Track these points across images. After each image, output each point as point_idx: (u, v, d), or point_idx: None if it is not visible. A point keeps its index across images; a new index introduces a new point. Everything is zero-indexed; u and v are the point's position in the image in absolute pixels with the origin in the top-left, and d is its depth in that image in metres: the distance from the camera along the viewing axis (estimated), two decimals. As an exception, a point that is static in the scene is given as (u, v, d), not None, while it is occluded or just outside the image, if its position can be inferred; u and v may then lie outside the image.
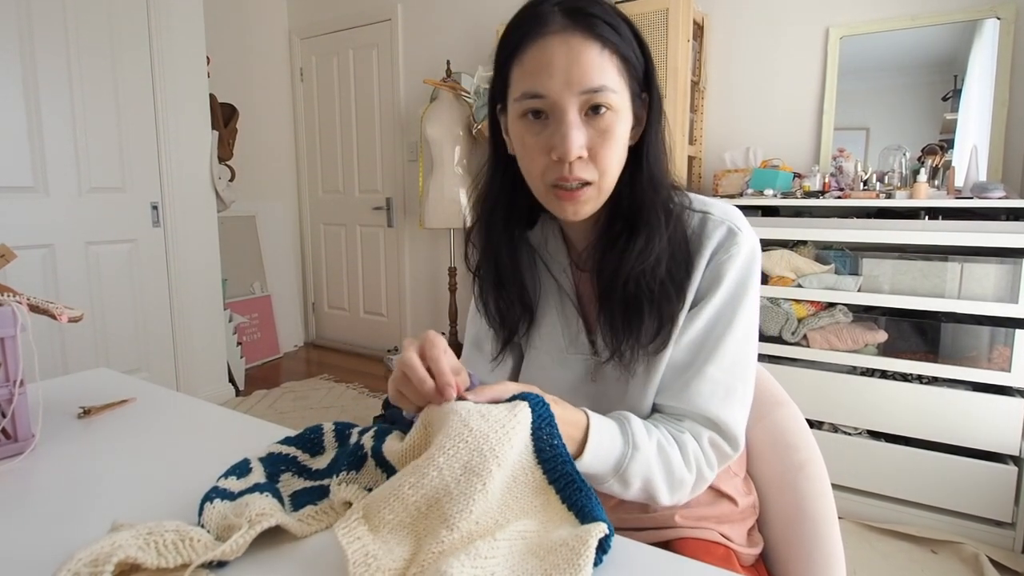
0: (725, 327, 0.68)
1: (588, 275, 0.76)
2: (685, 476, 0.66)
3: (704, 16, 2.50)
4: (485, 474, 0.51)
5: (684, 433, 0.67)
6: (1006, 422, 1.74)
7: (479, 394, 0.58)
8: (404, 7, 3.49)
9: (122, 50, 2.56)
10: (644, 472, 0.63)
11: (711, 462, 0.68)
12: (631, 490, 0.64)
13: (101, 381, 1.06)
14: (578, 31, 0.61)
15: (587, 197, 0.66)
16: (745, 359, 0.70)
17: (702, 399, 0.67)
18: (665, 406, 0.70)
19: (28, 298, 0.79)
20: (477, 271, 0.80)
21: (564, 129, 0.63)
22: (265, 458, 0.69)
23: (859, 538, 1.84)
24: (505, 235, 0.76)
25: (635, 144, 0.69)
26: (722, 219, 0.70)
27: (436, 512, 0.51)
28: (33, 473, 0.72)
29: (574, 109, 0.63)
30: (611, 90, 0.62)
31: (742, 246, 0.69)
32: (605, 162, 0.64)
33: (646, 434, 0.64)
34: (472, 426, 0.53)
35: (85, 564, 0.45)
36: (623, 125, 0.65)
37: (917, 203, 1.89)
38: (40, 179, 2.34)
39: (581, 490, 0.53)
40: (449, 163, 3.04)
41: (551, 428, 0.55)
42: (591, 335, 0.76)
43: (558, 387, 0.77)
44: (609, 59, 0.62)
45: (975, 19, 2.10)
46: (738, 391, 0.68)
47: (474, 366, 0.85)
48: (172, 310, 2.84)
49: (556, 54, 0.62)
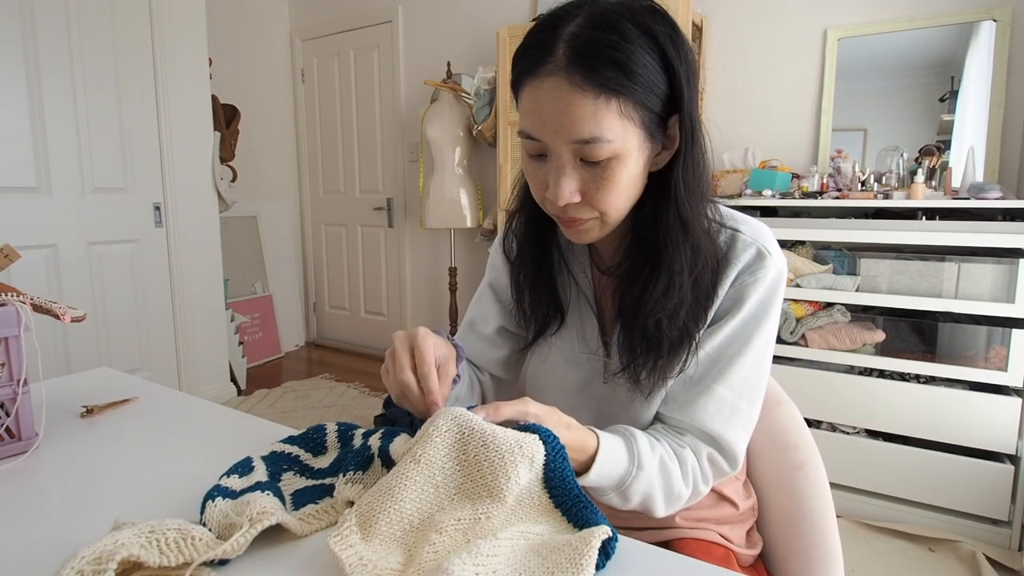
0: (740, 348, 0.67)
1: (609, 280, 0.74)
2: (682, 491, 0.66)
3: (703, 18, 2.51)
4: (476, 500, 0.53)
5: (685, 448, 0.67)
6: (1003, 421, 1.75)
7: (496, 412, 0.57)
8: (405, 9, 3.49)
9: (125, 52, 2.57)
10: (645, 489, 0.64)
11: (707, 478, 0.68)
12: (630, 504, 0.65)
13: (103, 380, 1.07)
14: (576, 74, 0.56)
15: (589, 227, 0.65)
16: (756, 381, 0.68)
17: (707, 416, 0.67)
18: (669, 417, 0.70)
19: (31, 298, 0.79)
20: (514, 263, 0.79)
21: (555, 175, 0.61)
22: (268, 457, 0.70)
23: (857, 537, 1.85)
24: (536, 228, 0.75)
25: (662, 169, 0.65)
26: (752, 240, 0.67)
27: (428, 523, 0.52)
28: (36, 472, 0.73)
29: (567, 155, 0.60)
30: (605, 140, 0.57)
31: (769, 270, 0.66)
32: (603, 205, 0.62)
33: (650, 452, 0.64)
34: (469, 453, 0.54)
35: (88, 562, 0.45)
36: (628, 168, 0.60)
37: (914, 204, 1.89)
38: (43, 180, 2.35)
39: (587, 507, 0.53)
40: (449, 164, 3.05)
41: (563, 460, 0.55)
42: (606, 337, 0.75)
43: (568, 387, 0.77)
44: (607, 105, 0.56)
45: (971, 21, 2.10)
46: (743, 412, 0.68)
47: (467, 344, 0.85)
48: (174, 310, 2.84)
49: (546, 101, 0.58)
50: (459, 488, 0.54)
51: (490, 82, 2.86)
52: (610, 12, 0.57)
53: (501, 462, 0.53)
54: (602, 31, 0.56)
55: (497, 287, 0.85)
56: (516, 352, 0.86)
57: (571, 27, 0.57)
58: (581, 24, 0.57)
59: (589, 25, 0.56)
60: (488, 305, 0.86)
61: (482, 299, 0.87)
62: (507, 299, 0.84)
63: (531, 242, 0.76)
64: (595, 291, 0.77)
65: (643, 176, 0.64)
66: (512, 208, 0.79)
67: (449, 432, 0.55)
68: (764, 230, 0.69)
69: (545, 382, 0.80)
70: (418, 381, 0.61)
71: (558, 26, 0.58)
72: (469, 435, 0.54)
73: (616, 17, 0.56)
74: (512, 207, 0.79)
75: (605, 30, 0.56)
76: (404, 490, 0.53)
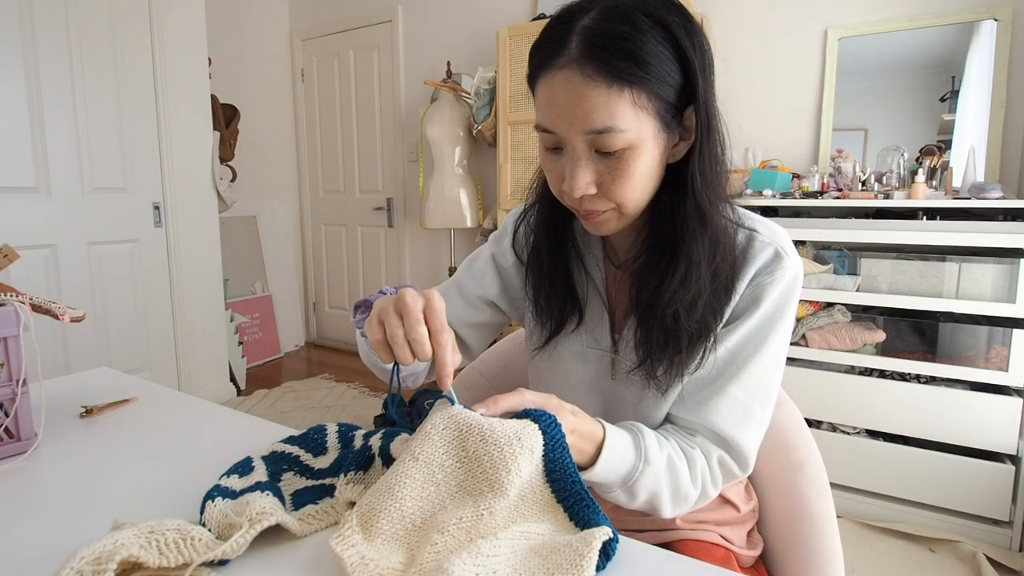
0: (755, 349, 0.67)
1: (622, 275, 0.74)
2: (690, 492, 0.66)
3: (703, 17, 2.50)
4: (478, 495, 0.53)
5: (695, 449, 0.67)
6: (1003, 421, 1.75)
7: (492, 406, 0.57)
8: (405, 8, 3.49)
9: (124, 51, 2.57)
10: (652, 486, 0.63)
11: (716, 481, 0.67)
12: (636, 502, 0.64)
13: (103, 381, 1.07)
14: (588, 66, 0.56)
15: (606, 219, 0.65)
16: (769, 383, 0.68)
17: (719, 417, 0.67)
18: (680, 418, 0.70)
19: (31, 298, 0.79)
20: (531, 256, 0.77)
21: (571, 167, 0.61)
22: (268, 456, 0.70)
23: (858, 537, 1.85)
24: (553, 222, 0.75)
25: (680, 161, 0.64)
26: (770, 240, 0.67)
27: (430, 522, 0.52)
28: (35, 472, 0.73)
29: (581, 146, 0.60)
30: (619, 130, 0.57)
31: (787, 271, 0.66)
32: (619, 196, 0.62)
33: (658, 448, 0.64)
34: (468, 449, 0.54)
35: (88, 562, 0.45)
36: (643, 158, 0.60)
37: (915, 203, 1.89)
38: (42, 180, 2.34)
39: (589, 507, 0.53)
40: (449, 164, 3.05)
41: (563, 450, 0.55)
42: (615, 333, 0.75)
43: (574, 382, 0.77)
44: (620, 96, 0.57)
45: (972, 20, 2.10)
46: (756, 414, 0.67)
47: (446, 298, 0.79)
48: (174, 310, 2.84)
49: (559, 93, 0.58)
50: (460, 485, 0.54)
51: (490, 82, 2.86)
52: (623, 5, 0.57)
53: (501, 455, 0.53)
54: (614, 23, 0.56)
55: (499, 259, 0.83)
56: (491, 325, 0.84)
57: (584, 20, 0.58)
58: (594, 17, 0.58)
59: (601, 18, 0.57)
60: (483, 271, 0.83)
61: (478, 265, 0.84)
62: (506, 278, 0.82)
63: (548, 234, 0.75)
64: (607, 286, 0.76)
65: (660, 167, 0.63)
66: (528, 201, 0.78)
67: (447, 429, 0.55)
68: (781, 232, 0.69)
69: (551, 376, 0.80)
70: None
71: (572, 20, 0.59)
72: (467, 431, 0.54)
73: (629, 9, 0.57)
74: (529, 199, 0.78)
75: (617, 22, 0.56)
76: (405, 488, 0.53)
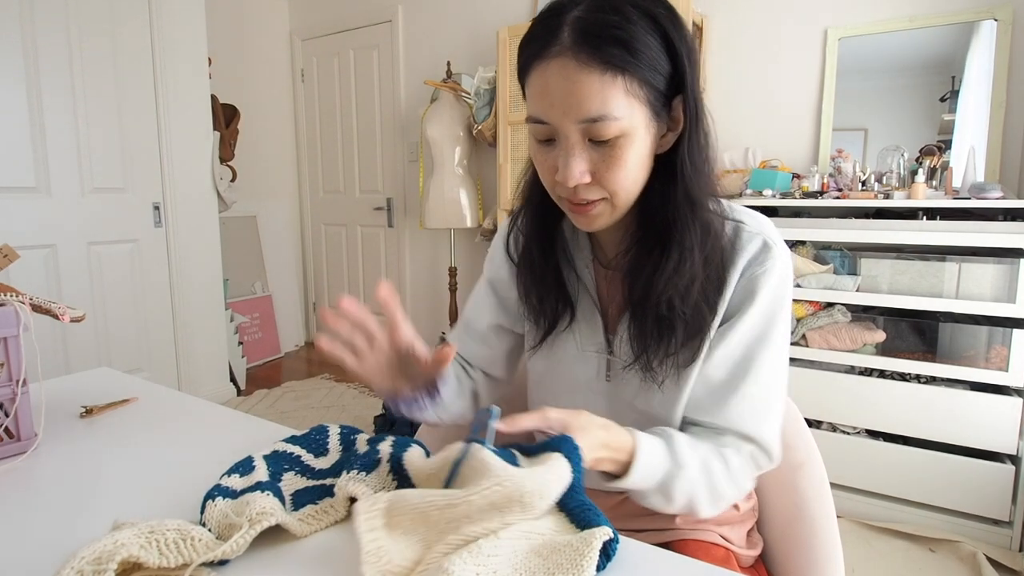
0: (761, 343, 0.67)
1: (612, 274, 0.74)
2: (726, 491, 0.66)
3: (703, 17, 2.50)
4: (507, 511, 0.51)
5: (727, 447, 0.67)
6: (1003, 421, 1.75)
7: (512, 423, 0.58)
8: (405, 8, 3.49)
9: (124, 51, 2.57)
10: (688, 489, 0.64)
11: (750, 475, 0.69)
12: (674, 505, 0.65)
13: (103, 381, 1.07)
14: (582, 53, 0.57)
15: (599, 212, 0.65)
16: (779, 373, 0.69)
17: (741, 419, 0.67)
18: (703, 422, 0.70)
19: (30, 298, 0.79)
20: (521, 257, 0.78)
21: (564, 156, 0.62)
22: (269, 456, 0.70)
23: (857, 537, 1.85)
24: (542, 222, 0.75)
25: (667, 151, 0.65)
26: (757, 231, 0.68)
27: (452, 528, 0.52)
28: (35, 472, 0.73)
29: (575, 135, 0.61)
30: (612, 118, 0.58)
31: (777, 260, 0.67)
32: (613, 185, 0.62)
33: (691, 451, 0.64)
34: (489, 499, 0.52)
35: (88, 562, 0.45)
36: (636, 146, 0.61)
37: (915, 203, 1.89)
38: (42, 180, 2.34)
39: (589, 508, 0.53)
40: (449, 164, 3.05)
41: (579, 473, 0.55)
42: (608, 334, 0.75)
43: (574, 384, 0.78)
44: (613, 83, 0.58)
45: (972, 21, 2.10)
46: (773, 406, 0.69)
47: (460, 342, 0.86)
48: (174, 310, 2.84)
49: (552, 81, 0.59)
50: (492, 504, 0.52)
51: (490, 82, 2.86)
52: None
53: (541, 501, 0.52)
54: (605, 12, 0.58)
55: (495, 282, 0.85)
56: (510, 351, 0.86)
57: (575, 12, 0.59)
58: (584, 8, 0.59)
59: (592, 8, 0.59)
60: (483, 300, 0.85)
61: (478, 296, 0.87)
62: (506, 295, 0.83)
63: (538, 234, 0.76)
64: (598, 287, 0.77)
65: (650, 157, 0.64)
66: (517, 205, 0.79)
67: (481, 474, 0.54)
68: (766, 222, 0.70)
69: (551, 380, 0.80)
70: None
71: (562, 13, 0.60)
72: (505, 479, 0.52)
73: (618, 1, 0.59)
74: (517, 204, 0.79)
75: (607, 12, 0.58)
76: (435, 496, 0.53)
